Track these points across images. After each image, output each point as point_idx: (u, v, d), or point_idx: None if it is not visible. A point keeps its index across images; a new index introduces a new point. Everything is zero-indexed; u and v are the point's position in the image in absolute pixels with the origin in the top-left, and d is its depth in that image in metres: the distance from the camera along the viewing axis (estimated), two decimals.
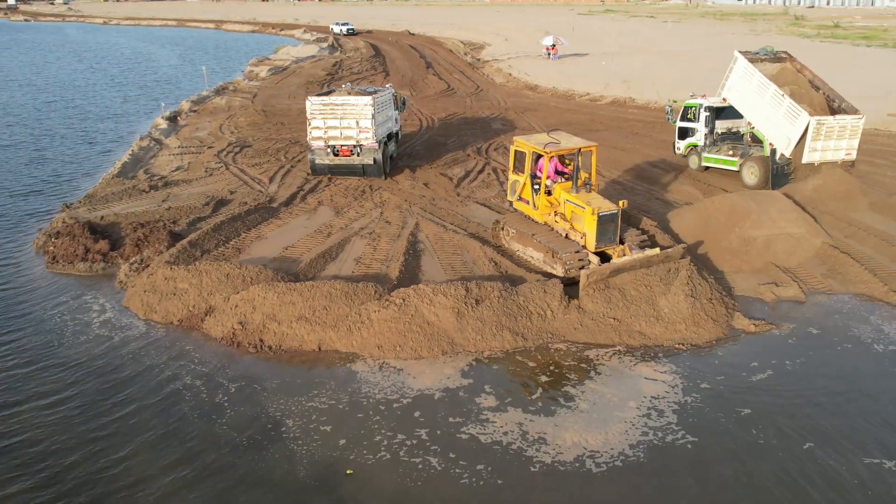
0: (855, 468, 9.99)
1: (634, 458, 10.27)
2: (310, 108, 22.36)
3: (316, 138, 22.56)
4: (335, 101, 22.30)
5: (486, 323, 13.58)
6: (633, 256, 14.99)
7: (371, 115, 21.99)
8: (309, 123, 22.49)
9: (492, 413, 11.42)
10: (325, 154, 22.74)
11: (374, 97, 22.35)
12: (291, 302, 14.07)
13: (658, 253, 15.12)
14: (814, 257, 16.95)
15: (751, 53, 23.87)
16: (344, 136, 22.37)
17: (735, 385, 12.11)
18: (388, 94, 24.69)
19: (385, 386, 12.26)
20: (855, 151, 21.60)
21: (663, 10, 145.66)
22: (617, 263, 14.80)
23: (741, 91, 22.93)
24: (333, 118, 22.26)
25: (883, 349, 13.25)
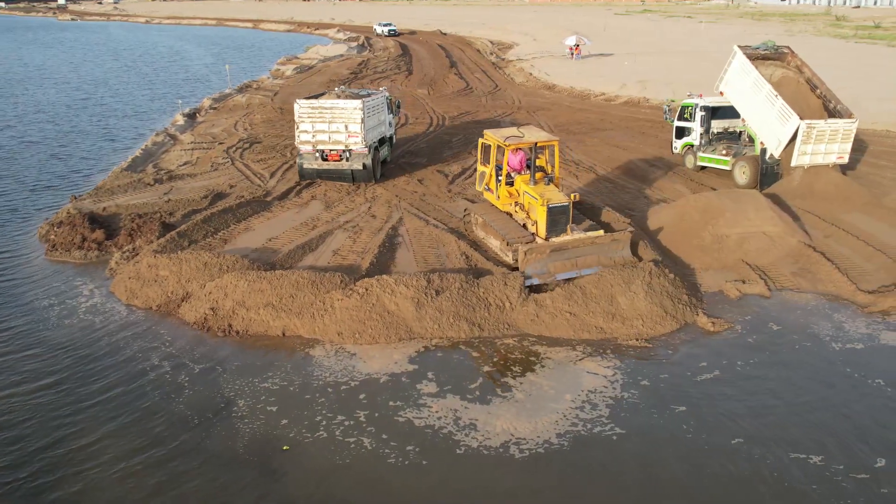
0: (778, 464, 10.17)
1: (558, 446, 10.61)
2: (298, 112, 22.02)
3: (304, 142, 22.15)
4: (324, 104, 22.01)
5: (444, 313, 14.00)
6: (573, 236, 15.62)
7: (360, 119, 21.56)
8: (297, 127, 22.14)
9: (430, 399, 11.84)
10: (314, 158, 22.31)
11: (364, 101, 21.91)
12: (260, 290, 14.65)
13: (602, 235, 15.74)
14: (787, 256, 17.01)
15: (751, 48, 23.80)
16: (333, 141, 21.98)
17: (677, 382, 12.33)
18: (381, 98, 24.33)
19: (336, 370, 12.77)
20: (847, 155, 21.48)
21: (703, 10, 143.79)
22: (557, 242, 15.45)
23: (737, 87, 22.92)
24: (322, 122, 21.87)
25: (839, 348, 13.34)
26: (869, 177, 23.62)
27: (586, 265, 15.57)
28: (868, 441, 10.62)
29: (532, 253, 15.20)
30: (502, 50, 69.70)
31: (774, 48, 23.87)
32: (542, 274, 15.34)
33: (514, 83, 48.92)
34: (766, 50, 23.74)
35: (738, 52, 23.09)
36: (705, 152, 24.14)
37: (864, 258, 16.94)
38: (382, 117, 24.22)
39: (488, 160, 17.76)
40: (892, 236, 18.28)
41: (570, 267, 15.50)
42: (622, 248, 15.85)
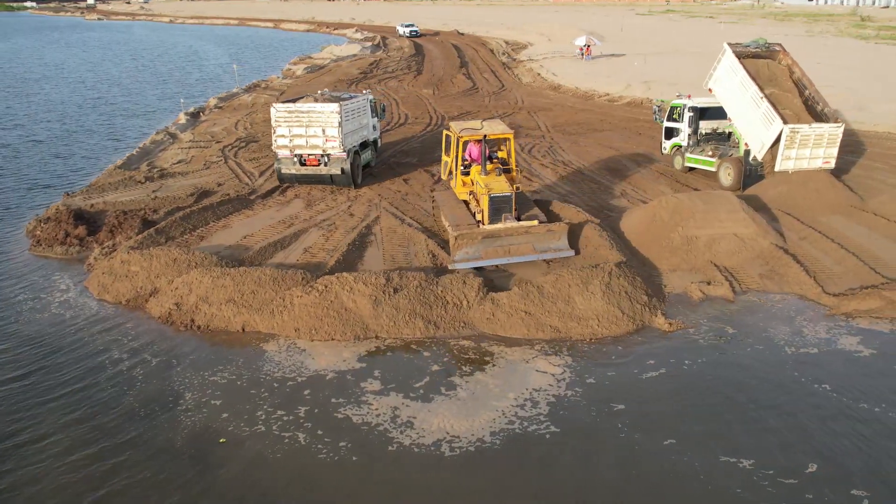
0: (707, 466, 10.14)
1: (490, 444, 10.67)
2: (274, 116, 21.65)
3: (281, 146, 21.82)
4: (301, 108, 21.57)
5: (401, 311, 14.12)
6: (506, 225, 16.28)
7: (338, 123, 21.16)
8: (274, 131, 21.81)
9: (373, 396, 11.96)
10: (292, 163, 22.01)
11: (343, 104, 21.52)
12: (223, 286, 14.88)
13: (536, 225, 16.39)
14: (757, 257, 16.90)
15: (741, 46, 23.52)
16: (310, 145, 21.61)
17: (622, 381, 12.33)
18: (363, 101, 23.98)
19: (286, 365, 12.94)
20: (833, 160, 21.20)
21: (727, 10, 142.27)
22: (488, 230, 16.19)
23: (725, 85, 22.74)
24: (299, 126, 21.49)
25: (792, 352, 13.24)
26: (860, 179, 23.34)
27: (519, 253, 16.27)
28: (804, 446, 10.55)
29: (463, 239, 15.94)
30: (516, 50, 69.68)
31: (766, 46, 23.59)
32: (473, 259, 16.06)
33: (520, 83, 48.93)
34: (756, 48, 23.48)
35: (727, 49, 22.88)
36: (693, 153, 24.01)
37: (836, 261, 16.78)
38: (364, 121, 23.99)
39: (450, 150, 18.47)
40: (868, 239, 18.08)
41: (501, 254, 16.21)
42: (558, 239, 16.46)
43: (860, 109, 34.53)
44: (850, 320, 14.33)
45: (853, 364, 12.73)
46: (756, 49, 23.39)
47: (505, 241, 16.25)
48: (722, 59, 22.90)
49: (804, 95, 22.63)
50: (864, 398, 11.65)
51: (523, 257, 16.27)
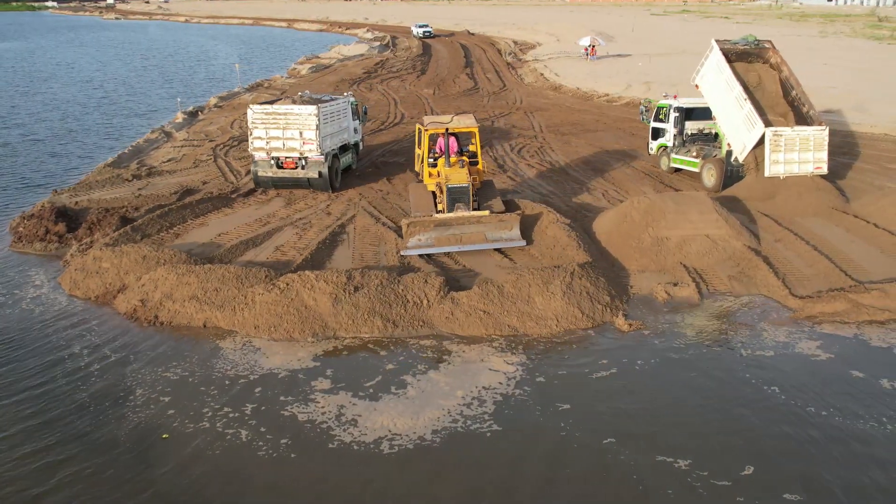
0: (642, 466, 10.10)
1: (429, 442, 10.68)
2: (251, 118, 21.25)
3: (258, 149, 21.38)
4: (278, 109, 21.20)
5: (360, 309, 14.16)
6: (457, 214, 17.07)
7: (315, 126, 20.76)
8: (250, 133, 21.44)
9: (321, 394, 12.01)
10: (269, 166, 21.55)
11: (321, 106, 21.14)
12: (188, 283, 15.00)
13: (487, 215, 17.08)
14: (729, 259, 16.79)
15: (729, 43, 23.26)
16: (287, 148, 21.14)
17: (571, 380, 12.30)
18: (344, 104, 23.61)
19: (240, 363, 13.02)
20: (825, 164, 20.79)
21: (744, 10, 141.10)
22: (440, 218, 16.96)
23: (711, 83, 22.51)
24: (276, 128, 21.06)
25: (748, 354, 13.16)
26: (849, 181, 23.15)
27: (471, 241, 16.93)
28: (744, 448, 10.47)
29: (414, 226, 16.76)
30: (524, 50, 69.56)
31: (755, 43, 23.25)
32: (425, 246, 16.83)
33: (522, 84, 48.89)
34: (745, 45, 23.17)
35: (714, 46, 22.59)
36: (678, 154, 23.88)
37: (807, 263, 16.65)
38: (345, 124, 23.58)
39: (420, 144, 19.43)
40: (844, 241, 17.92)
41: (454, 242, 16.91)
42: (510, 228, 17.06)
43: (860, 111, 34.20)
44: (813, 323, 14.21)
45: (808, 368, 12.62)
46: (745, 46, 23.12)
47: (457, 230, 16.88)
48: (709, 56, 22.65)
49: (791, 96, 22.41)
50: (812, 402, 11.55)
51: (474, 246, 16.91)
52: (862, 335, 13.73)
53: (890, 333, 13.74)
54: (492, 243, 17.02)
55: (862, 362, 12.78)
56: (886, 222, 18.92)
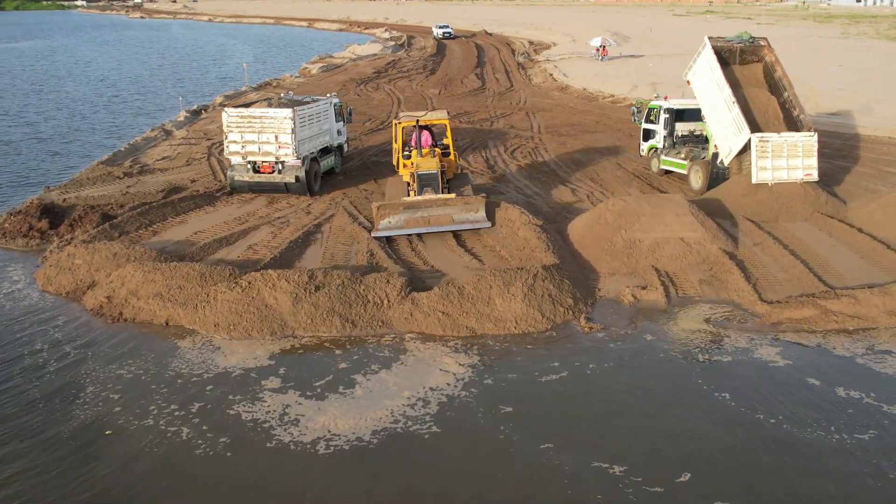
0: (575, 471, 9.98)
1: (366, 443, 10.64)
2: (226, 121, 20.83)
3: (233, 153, 21.02)
4: (253, 113, 20.88)
5: (320, 308, 14.17)
6: (424, 196, 17.93)
7: (290, 130, 20.31)
8: (225, 137, 21.05)
9: (269, 393, 12.02)
10: (245, 170, 21.17)
11: (296, 110, 20.64)
12: (153, 280, 15.10)
13: (454, 198, 17.88)
14: (702, 263, 16.56)
15: (723, 40, 22.76)
16: (262, 152, 20.73)
17: (519, 383, 12.20)
18: (325, 106, 23.19)
19: (196, 361, 13.07)
20: (815, 171, 20.14)
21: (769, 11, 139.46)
22: (407, 201, 17.87)
23: (702, 81, 22.06)
24: (251, 132, 20.64)
25: (704, 359, 12.98)
26: (845, 184, 22.74)
27: (438, 223, 17.78)
28: (683, 455, 10.32)
29: (384, 209, 17.66)
30: (538, 50, 69.26)
31: (750, 41, 22.62)
32: (395, 228, 17.69)
33: (530, 84, 48.68)
34: (739, 43, 22.64)
35: (707, 44, 22.13)
36: (668, 156, 23.60)
37: (783, 268, 16.37)
38: (326, 126, 23.28)
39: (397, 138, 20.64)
40: (825, 246, 17.61)
41: (422, 224, 17.78)
42: (476, 211, 17.78)
43: (866, 113, 33.62)
44: (778, 330, 13.96)
45: (763, 375, 12.40)
46: (739, 44, 22.65)
47: (425, 212, 17.73)
48: (702, 53, 22.23)
49: (782, 97, 22.02)
50: (762, 410, 11.35)
51: (442, 227, 17.79)
52: (825, 343, 13.47)
53: (854, 342, 13.47)
54: (458, 225, 17.75)
55: (821, 370, 12.54)
56: (872, 227, 18.56)
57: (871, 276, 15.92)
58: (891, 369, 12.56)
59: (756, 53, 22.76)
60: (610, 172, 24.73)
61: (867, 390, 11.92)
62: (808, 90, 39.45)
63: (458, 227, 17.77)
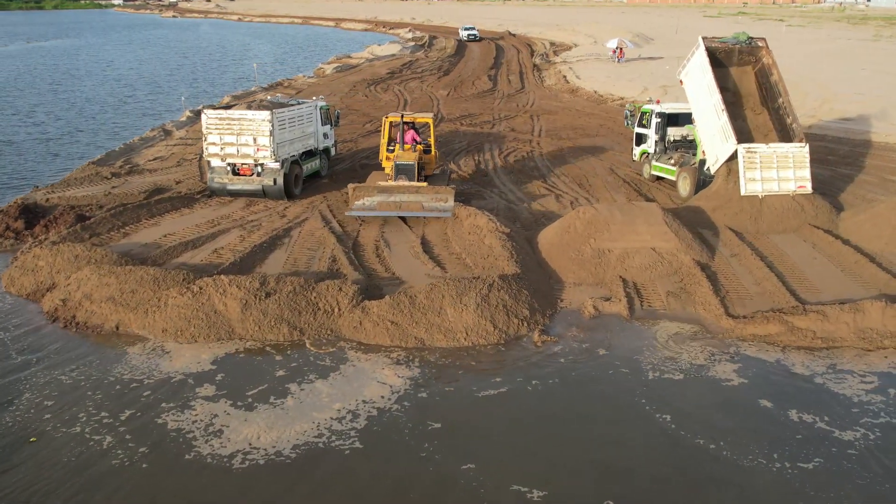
0: (492, 494, 9.59)
1: (283, 458, 10.35)
2: (205, 123, 20.65)
3: (212, 155, 20.88)
4: (232, 115, 20.74)
5: (268, 315, 13.92)
6: (397, 182, 19.21)
7: (269, 132, 20.17)
8: (204, 139, 20.90)
9: (201, 402, 11.79)
10: (225, 173, 21.06)
11: (275, 112, 20.50)
12: (107, 284, 14.96)
13: (425, 186, 19.12)
14: (673, 274, 16.04)
15: (719, 40, 21.94)
16: (241, 154, 20.61)
17: (455, 397, 11.84)
18: (308, 109, 22.83)
19: (139, 367, 12.89)
20: (808, 182, 19.35)
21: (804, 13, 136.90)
22: (382, 185, 19.24)
23: (695, 82, 21.36)
24: (230, 134, 20.47)
25: (654, 377, 12.47)
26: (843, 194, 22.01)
27: (409, 209, 19.05)
28: (609, 481, 9.87)
29: (359, 190, 19.12)
30: (558, 52, 68.59)
31: (747, 42, 21.70)
32: (368, 209, 19.08)
33: (541, 86, 48.15)
34: (736, 43, 21.83)
35: (700, 45, 21.36)
36: (659, 161, 23.02)
37: (756, 280, 15.79)
38: (310, 129, 22.93)
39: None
40: (806, 259, 17.00)
41: (394, 208, 19.10)
42: (445, 200, 18.90)
43: (881, 118, 32.66)
44: (740, 346, 13.40)
45: (713, 395, 11.90)
46: (735, 45, 21.89)
47: (398, 197, 19.00)
48: (695, 53, 21.52)
49: (777, 103, 21.29)
50: (703, 433, 10.85)
51: (412, 213, 19.07)
52: (786, 360, 12.92)
53: (816, 360, 12.89)
54: (427, 212, 18.95)
55: (776, 391, 12.01)
56: (860, 239, 17.90)
57: (848, 291, 15.29)
58: (849, 390, 11.96)
59: (754, 55, 21.98)
60: (600, 178, 24.18)
61: (821, 413, 11.35)
62: (825, 93, 38.53)
63: (427, 214, 19.03)
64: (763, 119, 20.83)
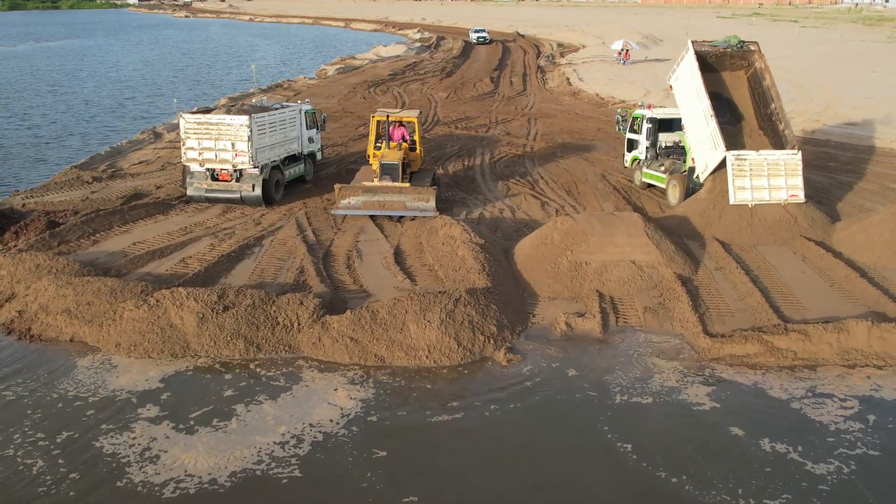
0: None
1: (217, 487, 9.82)
2: (183, 127, 20.28)
3: (191, 160, 20.47)
4: (210, 119, 20.29)
5: (225, 330, 13.39)
6: (382, 183, 19.58)
7: (247, 137, 19.68)
8: (183, 144, 20.46)
9: (142, 424, 11.26)
10: (204, 178, 20.64)
11: (254, 117, 19.99)
12: (64, 295, 14.50)
13: (408, 186, 19.56)
14: (653, 288, 15.38)
15: (709, 44, 21.17)
16: (219, 160, 20.16)
17: (405, 423, 11.24)
18: (291, 113, 22.35)
19: (85, 384, 12.40)
20: (801, 192, 18.54)
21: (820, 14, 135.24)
22: (366, 185, 19.73)
23: (684, 87, 20.63)
24: (208, 139, 20.07)
25: (621, 401, 11.82)
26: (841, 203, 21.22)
27: (392, 208, 19.52)
28: None
29: (345, 190, 19.63)
30: (564, 53, 67.81)
31: (738, 45, 20.91)
32: (354, 208, 19.61)
33: (543, 88, 47.43)
34: (727, 47, 21.05)
35: (690, 48, 20.61)
36: (649, 168, 22.34)
37: (740, 296, 15.09)
38: (293, 134, 22.39)
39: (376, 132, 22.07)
40: (794, 272, 16.29)
41: (378, 207, 19.57)
42: (427, 200, 19.37)
43: (887, 123, 31.75)
44: (716, 367, 12.75)
45: (683, 420, 11.25)
46: (726, 49, 21.14)
47: (382, 197, 19.47)
48: (685, 57, 20.83)
49: (769, 109, 20.55)
50: (665, 465, 10.20)
51: (395, 212, 19.54)
52: (763, 383, 12.23)
53: (795, 382, 12.20)
54: (410, 211, 19.40)
55: (749, 417, 11.34)
56: (853, 251, 17.17)
57: (835, 309, 14.57)
58: (827, 417, 11.26)
59: (746, 59, 21.26)
60: (591, 185, 23.50)
61: (795, 443, 10.68)
62: (830, 98, 37.61)
63: (410, 213, 19.45)
64: (755, 126, 20.10)
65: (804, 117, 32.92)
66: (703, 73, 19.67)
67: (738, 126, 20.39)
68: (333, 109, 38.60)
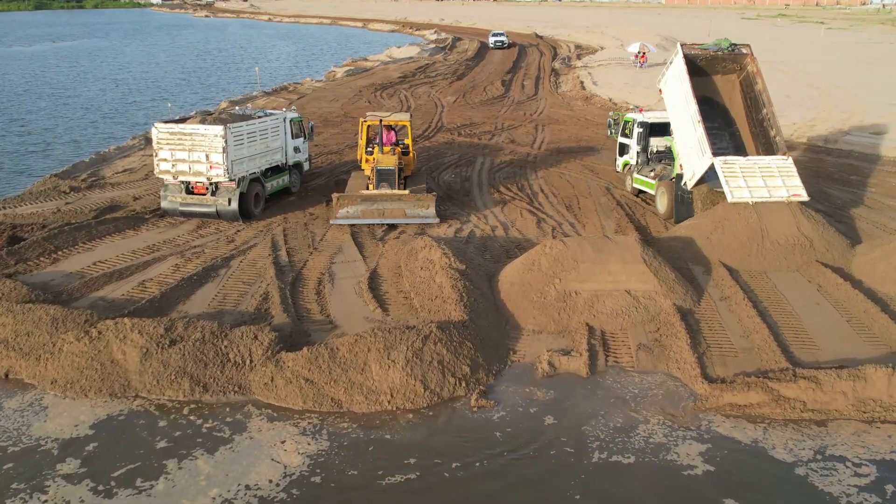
0: None
1: None
2: (156, 137, 19.20)
3: (164, 172, 19.31)
4: (184, 129, 19.03)
5: (169, 368, 12.15)
6: (381, 191, 19.17)
7: (222, 149, 18.51)
8: (155, 154, 19.39)
9: (58, 483, 10.02)
10: (178, 191, 19.50)
11: (230, 127, 18.77)
12: (3, 324, 13.35)
13: (407, 193, 19.11)
14: (649, 321, 13.94)
15: (699, 47, 20.14)
16: (193, 172, 19.03)
17: (353, 484, 9.92)
18: (272, 122, 21.10)
19: (9, 430, 11.19)
20: (803, 191, 17.38)
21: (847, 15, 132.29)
22: (365, 193, 19.29)
23: (673, 91, 19.70)
24: (182, 150, 18.95)
25: (600, 459, 10.39)
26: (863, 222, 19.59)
27: (392, 216, 19.07)
28: None
29: (344, 199, 19.03)
30: (581, 55, 66.19)
31: (730, 48, 19.88)
32: (353, 217, 19.01)
33: (555, 93, 45.89)
34: (717, 50, 19.89)
35: (679, 52, 19.51)
36: (640, 173, 21.09)
37: (746, 332, 13.60)
38: (276, 143, 21.15)
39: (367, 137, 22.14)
40: (808, 305, 14.76)
41: (377, 215, 19.06)
42: (426, 207, 19.09)
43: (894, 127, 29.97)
44: (713, 419, 11.28)
45: (668, 487, 9.78)
46: (717, 52, 19.93)
47: (381, 205, 18.99)
48: (674, 60, 19.69)
49: (760, 114, 19.22)
50: None
51: (395, 220, 19.06)
52: (765, 441, 10.74)
53: (802, 440, 10.70)
54: (410, 219, 19.03)
55: (745, 484, 9.88)
56: (874, 280, 15.61)
57: (852, 349, 13.04)
58: (837, 486, 9.75)
59: (738, 63, 20.04)
60: (593, 199, 22.03)
61: None
62: (854, 104, 35.83)
63: (409, 221, 19.06)
64: (746, 131, 18.83)
65: (826, 125, 31.22)
66: (695, 77, 18.66)
67: (727, 132, 19.30)
68: (335, 114, 37.45)
